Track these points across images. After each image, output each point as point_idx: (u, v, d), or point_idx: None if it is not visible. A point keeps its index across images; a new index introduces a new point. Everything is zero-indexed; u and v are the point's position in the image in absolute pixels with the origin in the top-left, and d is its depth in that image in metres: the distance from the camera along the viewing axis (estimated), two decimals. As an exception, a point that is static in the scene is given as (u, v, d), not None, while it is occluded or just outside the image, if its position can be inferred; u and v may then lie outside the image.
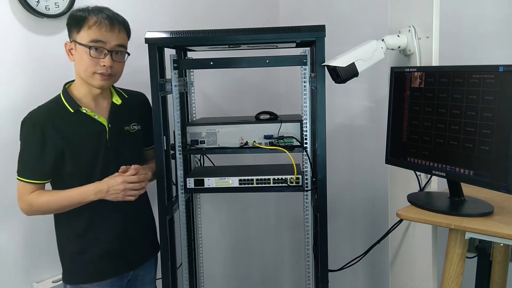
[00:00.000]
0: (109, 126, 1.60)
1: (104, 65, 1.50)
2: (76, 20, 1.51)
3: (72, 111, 1.54)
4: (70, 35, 1.54)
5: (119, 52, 1.55)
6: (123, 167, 1.54)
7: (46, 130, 1.51)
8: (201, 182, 1.81)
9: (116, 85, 1.69)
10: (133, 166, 1.55)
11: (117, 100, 1.65)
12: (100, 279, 1.62)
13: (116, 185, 1.50)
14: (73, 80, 1.60)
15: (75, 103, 1.55)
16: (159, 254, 1.81)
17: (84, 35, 1.49)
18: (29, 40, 1.77)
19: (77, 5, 1.77)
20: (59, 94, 1.58)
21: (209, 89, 2.44)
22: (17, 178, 1.54)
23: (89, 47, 1.48)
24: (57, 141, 1.52)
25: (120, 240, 1.65)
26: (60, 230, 1.64)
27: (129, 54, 1.60)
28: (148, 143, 1.78)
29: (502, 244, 1.64)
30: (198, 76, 2.18)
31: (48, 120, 1.52)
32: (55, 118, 1.53)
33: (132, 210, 1.66)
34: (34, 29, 1.77)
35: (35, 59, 1.78)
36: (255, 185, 1.79)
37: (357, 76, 1.60)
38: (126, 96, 1.69)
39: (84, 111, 1.56)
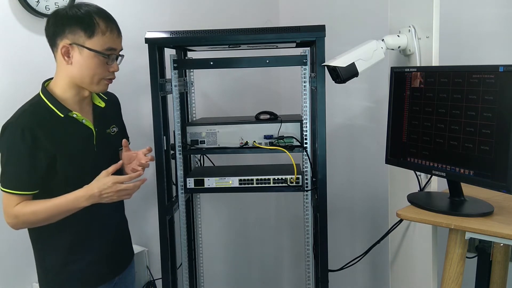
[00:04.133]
0: (96, 130, 1.53)
1: (113, 71, 1.46)
2: (85, 24, 1.40)
3: (62, 115, 1.44)
4: (73, 38, 1.40)
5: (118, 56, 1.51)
6: (124, 141, 1.53)
7: (36, 136, 1.39)
8: (201, 182, 1.81)
9: (110, 85, 1.65)
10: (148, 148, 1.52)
11: (100, 103, 1.57)
12: (87, 287, 1.57)
13: (108, 188, 1.39)
14: (51, 79, 1.50)
15: (64, 107, 1.45)
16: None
17: (99, 42, 1.40)
18: (29, 40, 1.77)
19: (77, 5, 1.76)
20: (38, 95, 1.46)
21: (209, 89, 2.44)
22: (1, 189, 1.41)
23: (107, 56, 1.42)
24: (48, 147, 1.41)
25: (107, 247, 1.59)
26: (41, 241, 1.54)
27: (123, 57, 1.53)
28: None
29: (502, 244, 1.64)
30: (198, 76, 2.18)
31: (37, 125, 1.40)
32: (44, 123, 1.42)
33: (118, 216, 1.64)
34: (34, 29, 1.77)
35: (35, 59, 1.78)
36: (255, 185, 1.79)
37: (357, 76, 1.60)
38: (106, 98, 1.62)
39: (74, 115, 1.47)
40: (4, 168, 1.40)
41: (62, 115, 1.45)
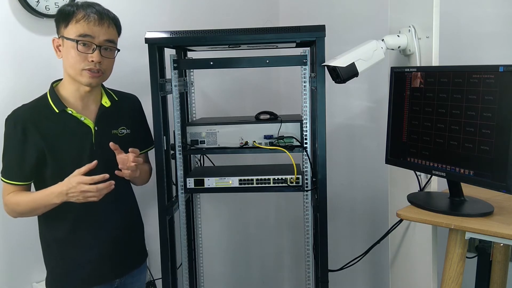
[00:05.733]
0: (96, 128, 1.53)
1: (93, 61, 1.44)
2: (64, 15, 1.45)
3: (57, 111, 1.48)
4: (58, 31, 1.48)
5: (108, 48, 1.49)
6: (112, 144, 1.45)
7: (27, 130, 1.45)
8: (201, 182, 1.81)
9: (110, 86, 1.66)
10: (131, 150, 1.47)
11: (106, 102, 1.58)
12: (83, 286, 1.56)
13: (73, 188, 1.38)
14: (61, 79, 1.55)
15: (61, 103, 1.49)
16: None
17: (72, 30, 1.43)
18: (29, 40, 1.77)
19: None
20: (46, 92, 1.52)
21: (209, 89, 2.44)
22: (0, 178, 1.51)
23: (77, 42, 1.42)
24: (38, 141, 1.45)
25: (105, 247, 1.58)
26: (43, 234, 1.58)
27: (118, 50, 1.54)
28: (139, 148, 1.68)
29: (502, 244, 1.65)
30: (198, 76, 2.18)
31: (30, 119, 1.45)
32: (38, 118, 1.46)
33: (119, 216, 1.62)
34: (34, 29, 1.77)
35: (35, 59, 1.78)
36: (255, 185, 1.79)
37: (357, 76, 1.60)
38: (117, 99, 1.63)
39: (69, 111, 1.49)
40: (3, 158, 1.50)
41: (58, 111, 1.48)
